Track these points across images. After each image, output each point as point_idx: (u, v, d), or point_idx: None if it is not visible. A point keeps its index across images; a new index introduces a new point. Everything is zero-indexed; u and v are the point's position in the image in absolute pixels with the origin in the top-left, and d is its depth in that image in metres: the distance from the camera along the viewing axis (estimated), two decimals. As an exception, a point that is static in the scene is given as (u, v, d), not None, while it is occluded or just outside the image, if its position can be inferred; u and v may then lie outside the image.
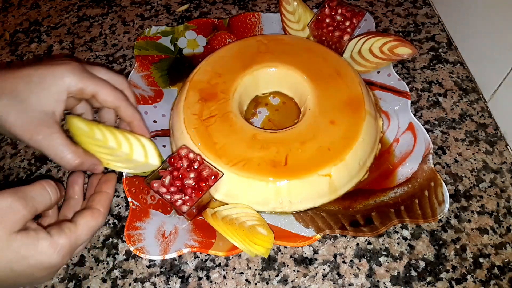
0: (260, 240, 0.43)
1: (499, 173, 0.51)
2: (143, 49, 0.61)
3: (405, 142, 0.51)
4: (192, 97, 0.53)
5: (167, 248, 0.44)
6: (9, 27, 0.74)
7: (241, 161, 0.47)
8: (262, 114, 0.57)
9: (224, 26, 0.65)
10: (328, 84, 0.53)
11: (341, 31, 0.57)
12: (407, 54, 0.54)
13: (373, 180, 0.50)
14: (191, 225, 0.47)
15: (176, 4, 0.74)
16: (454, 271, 0.44)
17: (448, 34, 0.65)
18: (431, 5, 0.69)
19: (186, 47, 0.64)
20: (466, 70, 0.61)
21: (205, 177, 0.45)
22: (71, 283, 0.45)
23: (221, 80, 0.54)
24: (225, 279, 0.45)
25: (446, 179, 0.51)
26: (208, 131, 0.50)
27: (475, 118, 0.56)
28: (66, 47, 0.69)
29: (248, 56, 0.56)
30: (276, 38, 0.59)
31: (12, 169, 0.55)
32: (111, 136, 0.45)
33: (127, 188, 0.47)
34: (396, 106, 0.54)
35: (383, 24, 0.67)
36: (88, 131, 0.44)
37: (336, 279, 0.44)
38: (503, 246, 0.45)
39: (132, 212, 0.46)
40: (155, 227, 0.46)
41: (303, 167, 0.47)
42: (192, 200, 0.44)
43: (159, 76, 0.60)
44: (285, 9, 0.62)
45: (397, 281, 0.44)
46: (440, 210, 0.45)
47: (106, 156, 0.45)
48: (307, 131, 0.49)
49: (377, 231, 0.44)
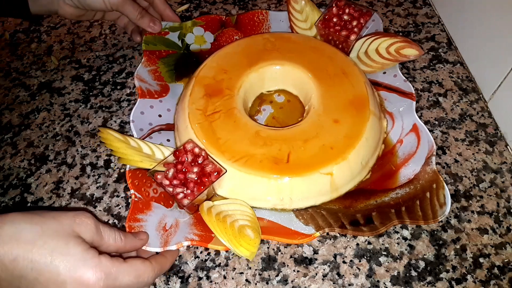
0: (246, 242, 0.42)
1: (499, 173, 0.51)
2: (151, 44, 0.62)
3: (408, 144, 0.51)
4: (197, 93, 0.53)
5: (167, 240, 0.44)
6: (9, 27, 0.74)
7: (244, 157, 0.47)
8: (266, 112, 0.57)
9: (232, 23, 0.65)
10: (334, 83, 0.53)
11: (348, 30, 0.57)
12: (413, 55, 0.54)
13: (375, 180, 0.50)
14: (192, 219, 0.47)
15: (176, 4, 0.74)
16: (454, 271, 0.44)
17: (448, 34, 0.65)
18: (431, 5, 0.69)
19: (194, 43, 0.64)
20: (466, 70, 0.61)
21: (208, 173, 0.45)
22: (71, 283, 0.45)
23: (227, 76, 0.54)
24: (225, 279, 0.45)
25: (446, 179, 0.51)
26: (212, 126, 0.50)
27: (475, 118, 0.56)
28: (66, 47, 0.69)
29: (255, 54, 0.57)
30: (283, 36, 0.60)
31: (12, 169, 0.55)
32: (144, 144, 0.49)
33: (130, 181, 0.48)
34: (401, 107, 0.54)
35: (383, 24, 0.67)
36: (123, 139, 0.48)
37: (336, 279, 0.44)
38: (503, 246, 0.45)
39: (134, 204, 0.46)
40: (157, 220, 0.46)
41: (305, 165, 0.47)
42: (193, 195, 0.44)
43: (166, 71, 0.61)
44: (293, 8, 0.62)
45: (397, 281, 0.44)
46: (441, 212, 0.44)
47: (138, 158, 0.48)
48: (310, 129, 0.49)
49: (377, 231, 0.44)
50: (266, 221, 0.47)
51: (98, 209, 0.51)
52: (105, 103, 0.61)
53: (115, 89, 0.63)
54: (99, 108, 0.61)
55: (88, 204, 0.51)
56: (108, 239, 0.38)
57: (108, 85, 0.63)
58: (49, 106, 0.62)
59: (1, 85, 0.65)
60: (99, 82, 0.64)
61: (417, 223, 0.45)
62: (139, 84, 0.56)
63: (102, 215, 0.50)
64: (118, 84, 0.63)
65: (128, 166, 0.48)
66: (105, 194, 0.52)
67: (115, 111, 0.60)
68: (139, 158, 0.47)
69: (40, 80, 0.65)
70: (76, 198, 0.52)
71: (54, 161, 0.56)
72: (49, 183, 0.54)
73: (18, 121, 0.60)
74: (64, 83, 0.64)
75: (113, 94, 0.62)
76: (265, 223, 0.47)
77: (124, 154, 0.47)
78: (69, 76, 0.65)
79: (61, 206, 0.51)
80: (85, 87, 0.63)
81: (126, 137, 0.49)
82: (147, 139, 0.52)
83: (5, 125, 0.60)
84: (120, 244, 0.39)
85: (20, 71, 0.67)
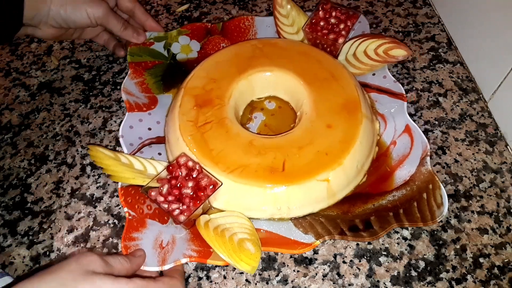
0: (247, 257, 0.41)
1: (499, 173, 0.51)
2: (136, 55, 0.61)
3: (402, 145, 0.51)
4: (187, 104, 0.52)
5: (165, 258, 0.43)
6: (9, 27, 0.74)
7: (238, 168, 0.46)
8: (258, 119, 0.56)
9: (218, 30, 0.64)
10: (324, 87, 0.53)
11: (335, 34, 0.57)
12: (402, 56, 0.54)
13: (371, 184, 0.50)
14: (189, 234, 0.46)
15: (176, 4, 0.74)
16: (454, 271, 0.44)
17: (448, 34, 0.65)
18: (431, 5, 0.69)
19: (180, 53, 0.63)
20: (466, 70, 0.61)
21: (204, 187, 0.44)
22: (71, 283, 0.45)
23: (216, 85, 0.54)
24: (225, 279, 0.45)
25: (446, 179, 0.51)
26: (204, 137, 0.49)
27: (475, 118, 0.56)
28: (66, 47, 0.69)
29: (243, 61, 0.56)
30: (271, 42, 0.59)
31: (12, 169, 0.55)
32: (135, 160, 0.48)
33: (122, 198, 0.46)
34: (392, 108, 0.54)
35: (383, 24, 0.67)
36: (114, 156, 0.47)
37: (336, 279, 0.44)
38: (503, 246, 0.45)
39: (128, 223, 0.45)
40: (152, 237, 0.45)
41: (301, 172, 0.46)
42: (189, 210, 0.43)
43: (153, 83, 0.59)
44: (279, 13, 0.61)
45: (397, 281, 0.44)
46: (439, 212, 0.44)
47: (130, 175, 0.47)
48: (304, 136, 0.49)
49: (376, 236, 0.44)
50: (265, 231, 0.46)
51: (98, 209, 0.51)
52: (105, 103, 0.61)
53: (115, 89, 0.62)
54: (99, 108, 0.61)
55: (88, 204, 0.51)
56: (116, 265, 0.38)
57: (108, 85, 0.63)
58: (49, 106, 0.62)
59: (1, 85, 0.65)
60: (99, 82, 0.64)
61: (416, 226, 0.45)
62: (126, 98, 0.55)
63: (102, 215, 0.50)
64: (118, 84, 0.63)
65: (120, 183, 0.48)
66: (105, 194, 0.52)
67: (115, 111, 0.60)
68: (131, 175, 0.46)
69: (40, 80, 0.65)
70: (76, 198, 0.52)
71: (54, 161, 0.56)
72: (49, 183, 0.54)
73: (18, 121, 0.60)
74: (64, 83, 0.64)
75: (113, 94, 0.62)
76: (264, 233, 0.46)
77: (115, 171, 0.46)
78: (69, 76, 0.65)
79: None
80: (85, 87, 0.63)
81: (116, 153, 0.48)
82: (138, 154, 0.51)
83: (5, 125, 0.60)
84: (127, 266, 0.39)
85: (20, 71, 0.67)
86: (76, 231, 0.49)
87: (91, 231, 0.49)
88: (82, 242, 0.48)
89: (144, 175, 0.47)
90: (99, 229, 0.49)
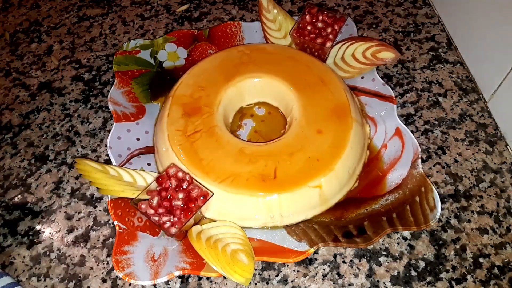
0: (240, 269, 0.41)
1: (499, 173, 0.51)
2: (122, 64, 0.60)
3: (393, 148, 0.51)
4: (175, 113, 0.51)
5: (157, 271, 0.42)
6: (9, 27, 0.74)
7: (230, 177, 0.46)
8: (248, 126, 0.56)
9: (205, 37, 0.63)
10: (313, 92, 0.52)
11: (323, 38, 0.56)
12: (390, 59, 0.54)
13: (363, 188, 0.50)
14: (181, 245, 0.45)
15: (176, 4, 0.74)
16: (454, 271, 0.44)
17: (448, 34, 0.65)
18: (431, 5, 0.69)
19: (167, 60, 0.62)
20: (466, 70, 0.61)
21: (195, 198, 0.44)
22: (71, 283, 0.45)
23: (204, 93, 0.53)
24: (225, 279, 0.45)
25: (446, 179, 0.51)
26: (193, 147, 0.48)
27: (475, 118, 0.56)
28: (66, 47, 0.69)
29: (231, 67, 0.55)
30: (258, 47, 0.58)
31: (12, 169, 0.55)
32: (124, 171, 0.47)
33: (112, 211, 0.46)
34: (382, 112, 0.54)
35: (383, 24, 0.67)
36: (102, 169, 0.46)
37: (336, 279, 0.44)
38: (503, 246, 0.45)
39: (119, 236, 0.45)
40: (144, 250, 0.44)
41: (292, 179, 0.46)
42: (181, 222, 0.42)
43: (140, 92, 0.59)
44: (266, 18, 0.61)
45: (397, 281, 0.44)
46: (432, 215, 0.44)
47: (119, 188, 0.46)
48: (294, 142, 0.49)
49: (370, 241, 0.43)
50: (258, 240, 0.46)
51: (98, 209, 0.51)
52: (105, 103, 0.61)
53: (115, 89, 0.62)
54: (99, 108, 0.61)
55: (88, 204, 0.51)
56: None
57: (108, 85, 0.63)
58: (49, 106, 0.62)
59: (1, 85, 0.65)
60: (99, 82, 0.64)
61: (410, 230, 0.45)
62: (113, 108, 0.54)
63: (102, 215, 0.50)
64: (118, 84, 0.63)
65: (109, 196, 0.47)
66: (105, 194, 0.52)
67: (115, 111, 0.60)
68: (120, 187, 0.45)
69: (40, 80, 0.65)
70: (76, 198, 0.52)
71: (54, 161, 0.56)
72: (49, 183, 0.54)
73: (18, 121, 0.60)
74: (64, 83, 0.64)
75: (113, 94, 0.62)
76: (257, 242, 0.46)
77: (104, 185, 0.45)
78: (69, 76, 0.65)
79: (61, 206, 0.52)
80: (85, 87, 0.63)
81: (105, 166, 0.47)
82: (127, 165, 0.50)
83: (5, 125, 0.60)
84: None
85: (20, 71, 0.67)
86: (76, 231, 0.49)
87: (91, 231, 0.49)
88: (82, 242, 0.48)
89: (133, 187, 0.46)
90: (99, 229, 0.49)
